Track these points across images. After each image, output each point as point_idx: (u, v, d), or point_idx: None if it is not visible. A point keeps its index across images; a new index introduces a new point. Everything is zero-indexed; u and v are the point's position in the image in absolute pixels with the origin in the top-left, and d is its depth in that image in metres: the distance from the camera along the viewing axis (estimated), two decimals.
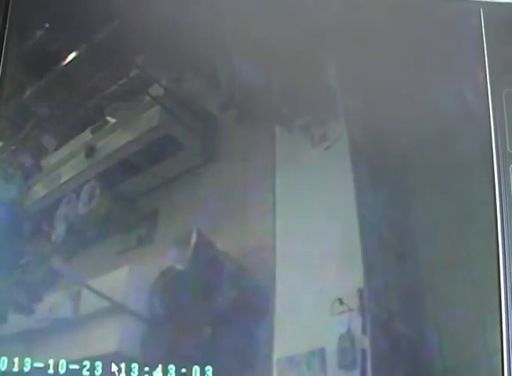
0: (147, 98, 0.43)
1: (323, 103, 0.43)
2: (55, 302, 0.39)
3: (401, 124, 0.42)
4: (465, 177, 0.41)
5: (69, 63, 0.43)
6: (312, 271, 0.39)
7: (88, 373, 0.38)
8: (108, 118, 0.42)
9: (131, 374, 0.38)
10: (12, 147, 0.42)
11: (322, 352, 0.38)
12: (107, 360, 0.38)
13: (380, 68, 0.43)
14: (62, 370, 0.38)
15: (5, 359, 0.38)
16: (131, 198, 0.41)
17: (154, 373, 0.38)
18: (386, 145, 0.42)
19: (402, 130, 0.42)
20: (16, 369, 0.38)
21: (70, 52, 0.43)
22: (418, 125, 0.42)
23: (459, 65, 0.43)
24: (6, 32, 0.43)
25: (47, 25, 0.43)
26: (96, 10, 0.44)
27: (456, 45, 0.43)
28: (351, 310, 0.39)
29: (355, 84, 0.43)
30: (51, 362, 0.38)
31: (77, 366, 0.38)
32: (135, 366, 0.38)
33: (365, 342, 0.38)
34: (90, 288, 0.39)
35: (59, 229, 0.40)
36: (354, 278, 0.39)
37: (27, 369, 0.38)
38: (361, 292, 0.39)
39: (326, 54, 0.43)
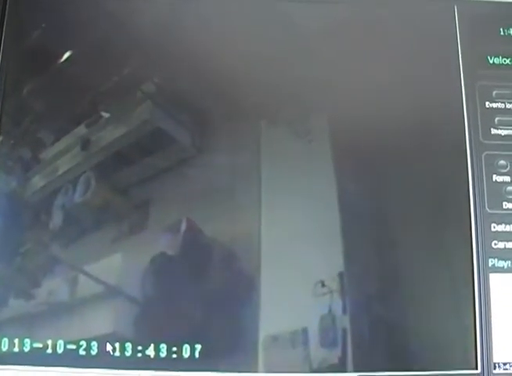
0: (139, 94, 0.44)
1: (306, 98, 0.44)
2: (53, 287, 0.41)
3: (379, 118, 0.43)
4: (440, 166, 0.43)
5: (64, 61, 0.44)
6: (296, 255, 0.41)
7: (84, 352, 0.40)
8: (102, 113, 0.44)
9: (125, 352, 0.39)
10: (12, 141, 0.43)
11: (305, 332, 0.40)
12: (102, 340, 0.40)
13: (359, 64, 0.44)
14: (60, 350, 0.40)
15: (6, 340, 0.40)
16: (124, 188, 0.43)
17: (147, 351, 0.39)
18: (366, 137, 0.43)
19: (380, 123, 0.43)
20: (16, 349, 0.40)
21: (66, 51, 0.44)
22: (395, 118, 0.44)
23: (435, 59, 0.44)
24: (4, 32, 0.44)
25: (43, 25, 0.45)
26: (90, 11, 0.45)
27: (432, 41, 0.44)
28: (332, 292, 0.40)
29: (336, 80, 0.44)
30: (49, 342, 0.40)
31: (74, 346, 0.40)
32: (128, 345, 0.40)
33: (346, 322, 0.40)
34: (86, 273, 0.41)
35: (57, 218, 0.42)
36: (335, 262, 0.41)
37: (26, 349, 0.40)
38: (341, 275, 0.41)
39: (308, 52, 0.44)
